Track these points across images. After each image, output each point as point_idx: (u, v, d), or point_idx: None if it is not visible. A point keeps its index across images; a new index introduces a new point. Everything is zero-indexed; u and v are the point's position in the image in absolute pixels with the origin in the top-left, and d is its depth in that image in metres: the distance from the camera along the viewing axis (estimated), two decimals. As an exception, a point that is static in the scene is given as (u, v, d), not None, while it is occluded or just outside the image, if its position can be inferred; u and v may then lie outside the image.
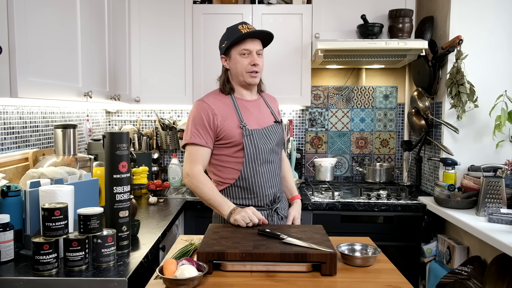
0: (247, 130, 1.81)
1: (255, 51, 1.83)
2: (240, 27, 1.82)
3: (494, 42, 2.50)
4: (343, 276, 1.33)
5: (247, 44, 1.82)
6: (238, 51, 1.83)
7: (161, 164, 3.23)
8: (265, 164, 1.85)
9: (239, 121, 1.83)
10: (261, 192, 1.84)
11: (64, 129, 1.99)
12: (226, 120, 1.82)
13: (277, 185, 1.90)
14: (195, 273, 1.24)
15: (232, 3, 2.91)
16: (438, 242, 2.49)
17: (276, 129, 1.92)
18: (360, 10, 2.77)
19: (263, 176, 1.84)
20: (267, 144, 1.85)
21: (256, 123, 1.87)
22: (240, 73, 1.85)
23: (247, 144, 1.80)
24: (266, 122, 1.91)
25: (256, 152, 1.82)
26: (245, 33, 1.80)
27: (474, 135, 2.54)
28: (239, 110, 1.85)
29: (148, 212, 2.25)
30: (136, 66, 2.81)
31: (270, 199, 1.87)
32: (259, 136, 1.84)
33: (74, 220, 1.52)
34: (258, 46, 1.84)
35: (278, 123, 1.95)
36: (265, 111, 1.95)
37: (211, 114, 1.81)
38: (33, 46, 1.55)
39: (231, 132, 1.81)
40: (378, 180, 3.01)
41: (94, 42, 2.13)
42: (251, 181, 1.82)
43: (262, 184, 1.84)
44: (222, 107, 1.84)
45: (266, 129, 1.88)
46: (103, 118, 3.17)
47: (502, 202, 2.13)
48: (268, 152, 1.85)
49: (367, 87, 3.22)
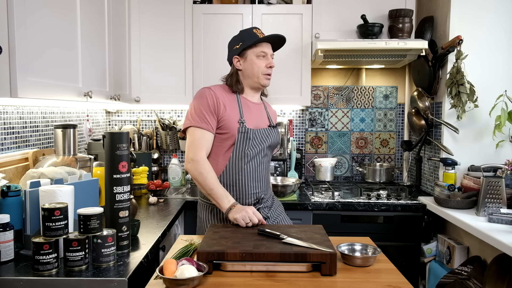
0: (244, 127, 1.84)
1: (270, 54, 1.92)
2: (255, 31, 1.91)
3: (494, 42, 2.50)
4: (343, 276, 1.33)
5: (264, 47, 1.90)
6: (255, 53, 1.89)
7: (161, 164, 3.23)
8: (252, 163, 1.87)
9: (239, 116, 1.86)
10: (243, 190, 1.86)
11: (64, 129, 1.99)
12: (228, 111, 1.84)
13: (261, 187, 1.91)
14: (195, 273, 1.24)
15: (232, 3, 2.91)
16: (438, 242, 2.49)
17: (270, 131, 1.95)
18: (360, 10, 2.77)
19: (248, 175, 1.86)
20: (259, 144, 1.88)
21: (254, 123, 1.90)
22: (256, 75, 1.90)
23: (239, 140, 1.83)
24: (263, 125, 1.95)
25: (245, 150, 1.84)
26: (265, 36, 1.89)
27: (474, 135, 2.54)
28: (241, 107, 1.89)
29: (148, 212, 2.25)
30: (136, 66, 2.81)
31: (253, 199, 1.89)
32: (253, 135, 1.86)
33: (74, 220, 1.52)
34: (272, 50, 1.95)
35: (273, 127, 1.99)
36: (264, 115, 2.00)
37: (216, 101, 1.83)
38: (33, 46, 1.55)
39: (229, 124, 1.82)
40: (378, 180, 3.01)
41: (94, 42, 2.13)
42: (235, 177, 1.84)
43: (246, 182, 1.86)
44: (226, 99, 1.88)
45: (262, 131, 1.91)
46: (103, 118, 3.17)
47: (502, 202, 2.13)
48: (257, 152, 1.88)
49: (367, 87, 3.22)
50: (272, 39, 1.93)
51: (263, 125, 1.95)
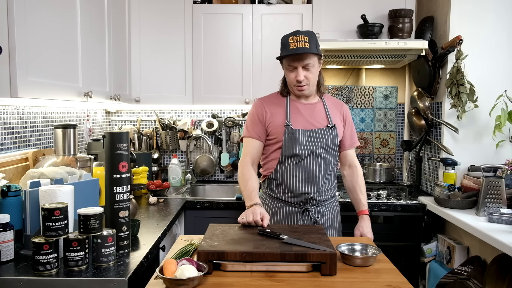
0: (290, 129, 1.88)
1: (301, 66, 1.85)
2: (291, 39, 1.83)
3: (494, 42, 2.50)
4: (343, 276, 1.33)
5: (292, 61, 1.85)
6: (285, 65, 1.91)
7: (161, 164, 3.23)
8: (302, 164, 1.89)
9: (285, 120, 1.90)
10: (291, 189, 1.90)
11: (64, 129, 1.99)
12: (275, 117, 1.93)
13: (313, 188, 1.90)
14: (195, 273, 1.24)
15: (232, 3, 2.91)
16: (438, 242, 2.49)
17: (325, 133, 1.92)
18: (360, 10, 2.77)
19: (296, 176, 1.89)
20: (309, 145, 1.88)
21: (304, 124, 1.91)
22: (289, 85, 1.95)
23: (286, 141, 1.88)
24: (317, 125, 1.93)
25: (293, 151, 1.88)
26: (288, 52, 1.82)
27: (474, 135, 2.54)
28: (289, 110, 1.93)
29: (148, 212, 2.25)
30: (136, 66, 2.81)
31: (302, 199, 1.91)
32: (302, 136, 1.88)
33: (74, 220, 1.51)
34: (305, 61, 1.83)
35: (331, 128, 1.93)
36: (320, 114, 1.96)
37: (262, 110, 1.95)
38: (33, 46, 1.55)
39: (276, 129, 1.91)
40: (378, 180, 3.01)
41: (94, 42, 2.13)
42: (283, 177, 1.91)
43: (294, 182, 1.90)
44: (274, 106, 1.96)
45: (314, 132, 1.90)
46: (103, 118, 3.17)
47: (502, 202, 2.13)
48: (308, 154, 1.88)
49: (367, 87, 3.22)
50: (300, 52, 1.81)
51: (318, 125, 1.93)
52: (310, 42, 1.82)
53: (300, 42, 1.81)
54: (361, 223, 2.01)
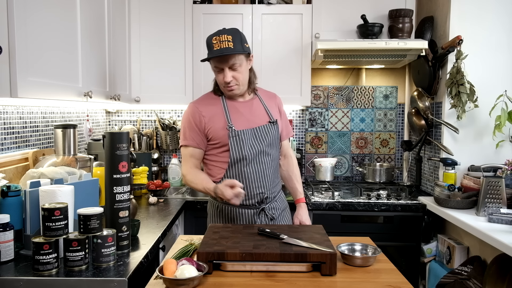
0: (234, 131, 1.82)
1: (227, 67, 1.77)
2: (214, 40, 1.75)
3: (494, 42, 2.50)
4: (343, 276, 1.33)
5: (217, 62, 1.78)
6: (212, 67, 1.84)
7: (161, 164, 3.23)
8: (252, 165, 1.85)
9: (226, 122, 1.83)
10: (247, 191, 1.84)
11: (64, 129, 1.99)
12: (213, 121, 1.85)
13: (266, 186, 1.88)
14: (195, 273, 1.24)
15: (232, 3, 2.91)
16: (438, 242, 2.49)
17: (269, 129, 1.89)
18: (360, 10, 2.77)
19: (249, 177, 1.85)
20: (256, 145, 1.85)
21: (246, 123, 1.86)
22: (219, 85, 1.88)
23: (233, 145, 1.82)
24: (258, 122, 1.89)
25: (242, 153, 1.83)
26: (212, 54, 1.75)
27: (474, 135, 2.54)
28: (228, 111, 1.86)
29: (148, 212, 2.25)
30: (136, 66, 2.81)
31: (257, 199, 1.87)
32: (247, 137, 1.83)
33: (74, 220, 1.52)
34: (230, 61, 1.76)
35: (273, 123, 1.91)
36: (259, 111, 1.92)
37: (199, 116, 1.85)
38: (33, 46, 1.55)
39: (217, 133, 1.84)
40: (378, 180, 3.01)
41: (94, 42, 2.13)
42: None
43: (248, 184, 1.84)
44: (210, 109, 1.87)
45: (257, 130, 1.86)
46: (103, 118, 3.17)
47: (502, 202, 2.13)
48: (256, 153, 1.85)
49: (367, 87, 3.22)
50: (221, 53, 1.74)
51: (260, 122, 1.88)
52: (235, 41, 1.74)
53: (224, 43, 1.74)
54: (299, 211, 2.02)
